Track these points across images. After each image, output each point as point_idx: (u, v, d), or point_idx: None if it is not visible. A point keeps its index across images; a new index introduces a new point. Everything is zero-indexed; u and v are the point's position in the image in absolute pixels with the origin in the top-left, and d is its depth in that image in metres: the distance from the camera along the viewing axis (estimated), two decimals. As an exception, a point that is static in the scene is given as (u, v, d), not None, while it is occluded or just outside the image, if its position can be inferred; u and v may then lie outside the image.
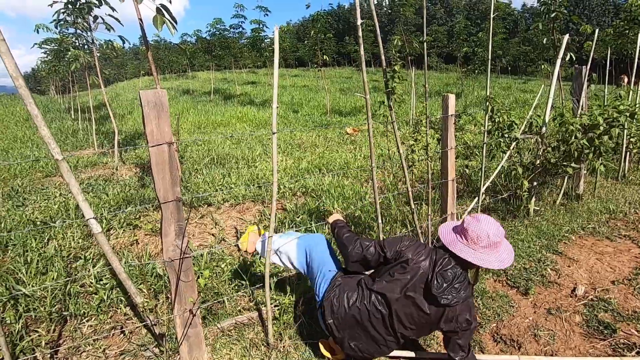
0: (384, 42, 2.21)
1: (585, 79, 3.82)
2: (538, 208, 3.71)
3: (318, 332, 2.18)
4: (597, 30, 4.04)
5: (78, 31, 6.59)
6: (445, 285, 1.52)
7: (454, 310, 1.58)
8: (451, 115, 2.77)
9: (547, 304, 2.35)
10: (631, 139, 4.56)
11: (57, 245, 3.14)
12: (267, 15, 13.84)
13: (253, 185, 4.67)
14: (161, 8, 3.09)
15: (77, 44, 7.53)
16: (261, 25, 13.93)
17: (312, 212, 3.76)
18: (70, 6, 5.52)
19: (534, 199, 3.60)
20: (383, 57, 2.19)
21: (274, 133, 1.91)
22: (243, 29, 15.90)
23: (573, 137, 3.35)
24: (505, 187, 3.94)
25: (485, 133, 3.03)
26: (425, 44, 2.72)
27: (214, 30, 16.31)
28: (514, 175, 3.37)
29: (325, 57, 13.24)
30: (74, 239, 3.29)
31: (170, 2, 3.17)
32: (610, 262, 2.80)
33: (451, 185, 2.89)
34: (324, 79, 14.73)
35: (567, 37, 3.48)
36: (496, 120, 3.13)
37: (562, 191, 3.91)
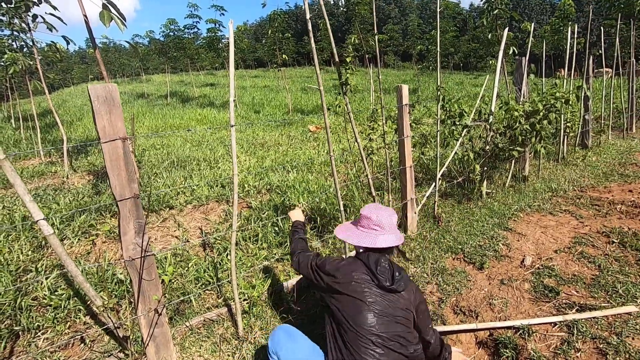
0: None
1: (525, 70, 4.14)
2: (490, 190, 3.97)
3: (290, 321, 2.21)
4: (532, 25, 4.39)
5: (15, 32, 6.12)
6: (390, 275, 1.55)
7: (412, 290, 1.61)
8: (405, 104, 2.90)
9: (500, 276, 2.54)
10: (567, 124, 5.00)
11: (2, 259, 2.91)
12: (223, 14, 13.57)
13: (216, 185, 4.59)
14: (107, 4, 2.97)
15: (15, 46, 6.98)
16: (217, 25, 13.64)
17: (278, 207, 3.77)
18: (4, 4, 5.11)
19: (485, 182, 3.85)
20: (335, 51, 2.26)
21: (232, 126, 1.92)
22: (198, 29, 15.50)
23: (517, 123, 3.63)
24: (460, 173, 4.17)
25: (439, 122, 3.20)
26: (377, 38, 2.82)
27: (168, 31, 15.76)
28: (467, 161, 3.59)
29: (284, 56, 13.23)
30: (22, 252, 3.07)
31: (117, -2, 3.05)
32: (553, 234, 3.06)
33: (409, 172, 3.02)
34: (284, 78, 14.72)
35: (506, 30, 3.75)
36: (447, 109, 3.32)
37: (510, 174, 4.21)
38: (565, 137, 5.11)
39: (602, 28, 6.24)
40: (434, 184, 3.41)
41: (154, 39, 17.27)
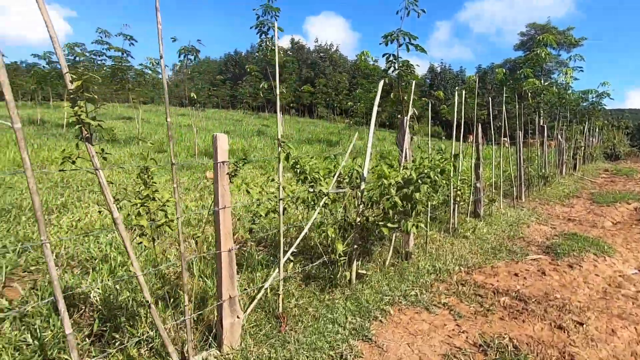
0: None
1: (407, 129, 3.69)
2: (364, 271, 3.20)
3: None
4: (412, 88, 4.03)
5: None
6: None
7: None
8: (223, 162, 2.06)
9: None
10: (458, 192, 4.64)
11: None
12: (132, 44, 12.45)
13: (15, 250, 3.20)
14: None
15: None
16: (125, 55, 12.40)
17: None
18: None
19: (355, 263, 3.07)
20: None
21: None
22: (107, 57, 14.03)
23: (389, 193, 2.99)
24: (326, 249, 3.36)
25: (280, 188, 2.38)
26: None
27: (71, 55, 14.07)
28: (324, 238, 2.81)
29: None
30: None
31: None
32: (421, 347, 2.30)
33: (226, 258, 2.09)
34: (209, 119, 13.71)
35: (382, 83, 3.26)
36: (298, 171, 2.56)
37: (391, 249, 3.54)
38: (456, 206, 4.73)
39: (504, 105, 6.51)
40: (277, 270, 2.52)
41: (53, 62, 15.22)
